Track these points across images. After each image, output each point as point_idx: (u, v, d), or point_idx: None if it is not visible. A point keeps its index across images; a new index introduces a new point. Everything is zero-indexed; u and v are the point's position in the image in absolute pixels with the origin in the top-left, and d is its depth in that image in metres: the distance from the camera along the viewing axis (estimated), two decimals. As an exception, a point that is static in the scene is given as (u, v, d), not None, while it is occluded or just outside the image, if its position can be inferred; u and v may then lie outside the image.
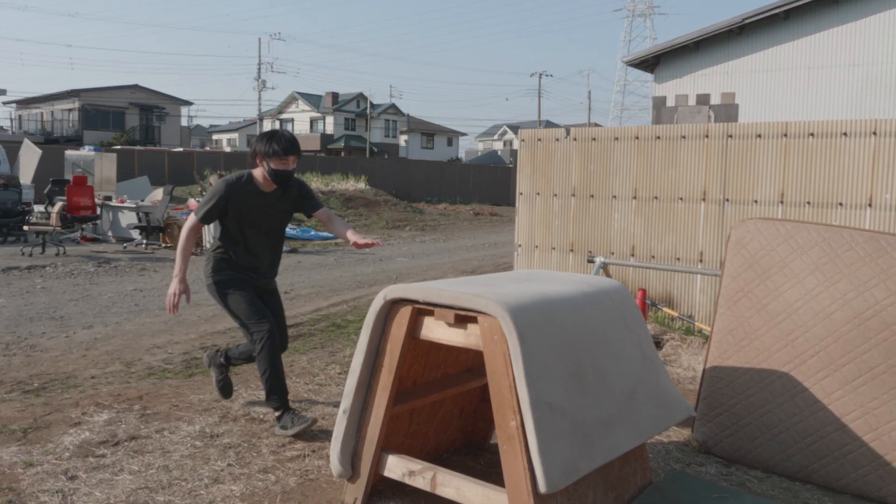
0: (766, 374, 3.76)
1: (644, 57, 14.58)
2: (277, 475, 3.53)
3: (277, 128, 4.21)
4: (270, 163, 3.87)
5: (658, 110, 9.83)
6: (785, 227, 3.88)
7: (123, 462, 3.64)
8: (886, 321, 3.46)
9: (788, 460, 3.65)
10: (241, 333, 6.79)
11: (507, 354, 2.69)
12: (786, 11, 12.88)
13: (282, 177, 3.90)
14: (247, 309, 3.94)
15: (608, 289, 3.34)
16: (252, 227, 4.00)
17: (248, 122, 63.16)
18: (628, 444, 2.97)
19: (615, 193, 7.01)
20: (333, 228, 4.14)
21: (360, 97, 56.27)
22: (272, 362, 3.90)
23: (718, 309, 3.99)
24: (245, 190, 3.94)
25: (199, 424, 4.20)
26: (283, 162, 3.88)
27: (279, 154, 3.85)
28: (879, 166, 5.68)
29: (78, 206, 14.42)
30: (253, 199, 3.96)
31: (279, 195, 4.04)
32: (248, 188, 3.95)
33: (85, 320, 7.30)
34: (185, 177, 25.93)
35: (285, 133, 3.95)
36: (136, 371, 5.42)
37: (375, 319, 3.09)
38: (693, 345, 6.07)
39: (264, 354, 3.89)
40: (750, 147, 6.26)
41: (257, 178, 3.98)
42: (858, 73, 12.47)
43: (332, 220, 4.18)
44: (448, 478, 2.96)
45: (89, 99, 42.07)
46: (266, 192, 4.00)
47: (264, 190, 3.99)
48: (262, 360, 3.90)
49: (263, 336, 3.88)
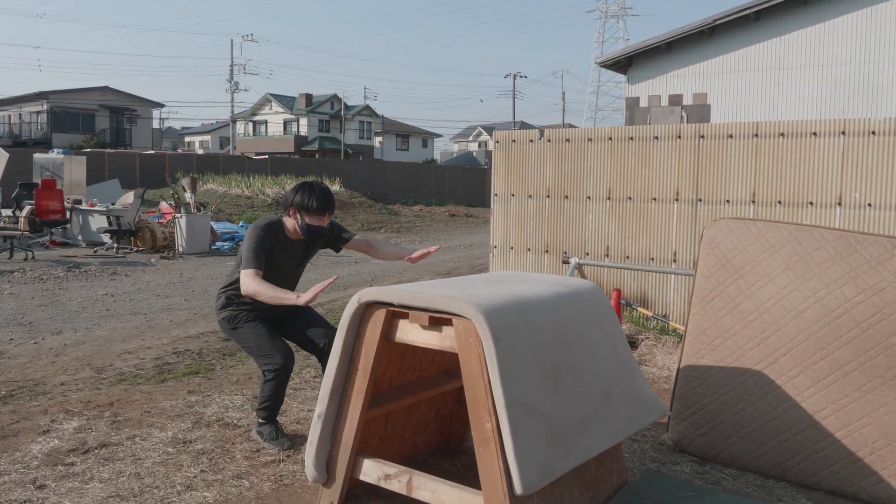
0: (739, 372, 3.79)
1: (617, 58, 14.68)
2: (251, 481, 3.49)
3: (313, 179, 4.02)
4: (305, 217, 3.75)
5: (631, 111, 9.90)
6: (756, 227, 3.92)
7: (94, 470, 3.57)
8: (857, 319, 3.51)
9: (762, 458, 3.68)
10: (213, 339, 6.72)
11: (482, 356, 2.68)
12: (756, 12, 13.05)
13: (315, 233, 3.80)
14: (256, 343, 3.82)
15: (583, 289, 3.34)
16: (275, 269, 3.84)
17: (221, 123, 62.65)
18: (604, 445, 2.97)
19: (589, 194, 7.04)
20: (378, 253, 3.98)
21: (334, 99, 56.05)
22: (276, 392, 3.85)
23: (692, 308, 4.02)
24: (276, 238, 3.80)
25: (171, 430, 4.13)
26: (319, 219, 3.77)
27: (316, 211, 3.74)
28: (848, 165, 5.77)
29: (47, 209, 14.17)
30: (282, 247, 3.83)
31: (308, 242, 3.93)
32: (278, 237, 3.81)
33: (54, 326, 7.18)
34: (156, 179, 25.63)
35: (324, 189, 3.80)
36: (107, 377, 5.33)
37: (350, 323, 3.07)
38: (667, 344, 6.11)
39: (271, 386, 3.81)
40: (722, 147, 6.32)
41: (287, 227, 3.84)
42: (827, 73, 12.66)
43: (373, 246, 4.03)
44: (424, 481, 2.94)
45: (58, 101, 41.41)
46: (294, 241, 3.88)
47: (292, 238, 3.87)
48: (266, 389, 3.83)
49: (272, 370, 3.77)
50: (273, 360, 3.76)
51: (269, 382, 3.80)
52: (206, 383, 5.17)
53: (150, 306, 8.40)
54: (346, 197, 27.19)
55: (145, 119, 46.02)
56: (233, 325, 3.89)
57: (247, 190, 24.25)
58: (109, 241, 13.85)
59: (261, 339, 3.81)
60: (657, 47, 13.97)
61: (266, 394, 3.84)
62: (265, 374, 3.80)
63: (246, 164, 31.97)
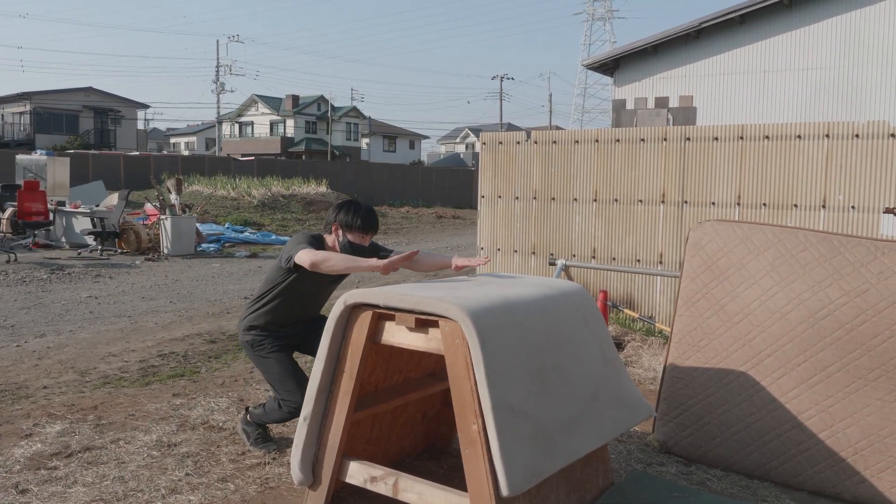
0: (724, 373, 3.81)
1: (604, 60, 14.73)
2: (237, 484, 3.47)
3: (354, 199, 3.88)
4: (348, 235, 3.67)
5: (618, 113, 9.94)
6: (742, 229, 3.94)
7: (77, 474, 3.54)
8: (840, 320, 3.53)
9: (747, 459, 3.70)
10: (198, 341, 6.68)
11: (468, 358, 2.68)
12: (742, 16, 13.13)
13: (356, 251, 3.68)
14: (280, 377, 3.73)
15: (569, 291, 3.35)
16: (309, 285, 3.74)
17: (207, 125, 62.32)
18: (590, 446, 2.98)
19: (576, 196, 7.06)
20: (420, 266, 3.87)
21: (320, 100, 55.90)
22: (280, 420, 3.82)
23: (677, 310, 4.03)
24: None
25: (155, 434, 4.10)
26: (362, 237, 3.70)
27: (360, 229, 3.67)
28: (832, 168, 5.81)
29: (30, 211, 14.05)
30: None
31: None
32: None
33: (37, 329, 7.11)
34: (141, 181, 25.46)
35: (369, 208, 3.74)
36: (91, 380, 5.28)
37: (336, 325, 3.06)
38: (653, 345, 6.13)
39: (280, 415, 3.76)
40: (707, 150, 6.35)
41: (328, 244, 3.74)
42: (811, 76, 12.77)
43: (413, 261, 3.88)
44: (410, 483, 2.93)
45: (41, 102, 41.04)
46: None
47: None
48: (274, 415, 3.78)
49: (290, 408, 3.70)
50: (293, 399, 3.66)
51: (280, 412, 3.74)
52: (191, 386, 5.14)
53: (134, 309, 8.34)
54: (332, 198, 27.10)
55: (130, 120, 45.70)
56: (257, 352, 3.78)
57: (233, 191, 24.13)
58: (93, 243, 13.74)
59: (285, 374, 3.72)
60: (644, 50, 14.03)
61: (271, 417, 3.81)
62: (281, 405, 3.73)
63: (232, 166, 31.84)
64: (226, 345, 6.54)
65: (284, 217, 23.00)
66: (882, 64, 12.16)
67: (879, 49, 12.18)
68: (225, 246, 15.89)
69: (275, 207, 23.77)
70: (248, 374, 5.49)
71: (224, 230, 17.81)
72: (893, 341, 3.40)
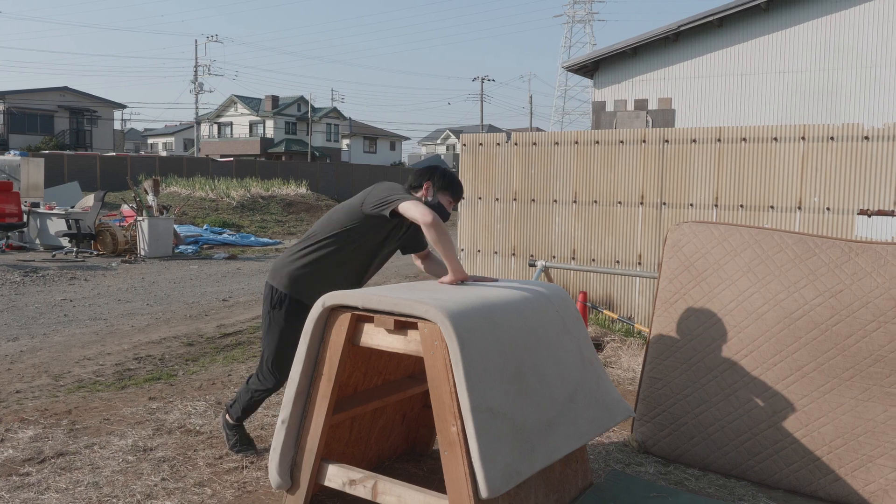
0: (701, 374, 3.83)
1: (584, 62, 14.80)
2: (214, 488, 3.43)
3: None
4: (440, 197, 3.51)
5: (598, 115, 9.99)
6: (719, 230, 3.97)
7: (50, 480, 3.48)
8: (815, 321, 3.57)
9: (724, 458, 3.73)
10: (175, 344, 6.61)
11: (447, 360, 2.67)
12: (720, 19, 13.25)
13: (441, 214, 3.50)
14: (275, 352, 3.59)
15: (549, 293, 3.35)
16: (372, 245, 3.55)
17: (185, 125, 61.83)
18: (569, 447, 2.98)
19: (556, 198, 7.08)
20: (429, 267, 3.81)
21: (300, 101, 55.66)
22: (252, 401, 3.74)
23: (656, 311, 4.05)
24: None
25: (131, 438, 4.05)
26: (452, 204, 3.59)
27: (455, 196, 3.57)
28: (808, 170, 5.88)
29: (3, 213, 13.85)
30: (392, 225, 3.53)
31: (407, 229, 3.67)
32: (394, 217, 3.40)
33: (10, 332, 7.00)
34: (118, 182, 25.21)
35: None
36: (65, 384, 5.21)
37: (314, 327, 3.03)
38: (633, 346, 6.16)
39: (251, 396, 3.70)
40: (686, 152, 6.40)
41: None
42: (788, 79, 12.91)
43: (429, 258, 3.85)
44: (389, 486, 2.92)
45: (15, 101, 40.48)
46: (403, 224, 3.58)
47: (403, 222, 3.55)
48: (246, 394, 3.72)
49: (263, 389, 3.66)
50: (268, 381, 3.63)
51: (253, 393, 3.70)
52: (167, 389, 5.08)
53: (110, 311, 8.24)
54: (312, 200, 27.01)
55: (106, 120, 45.21)
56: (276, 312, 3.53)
57: (211, 192, 23.94)
58: (68, 245, 13.56)
59: (282, 353, 3.58)
60: (623, 52, 14.11)
61: (246, 398, 3.74)
62: (253, 382, 3.68)
63: (210, 167, 31.62)
64: (203, 347, 6.48)
65: (264, 218, 22.87)
66: (857, 67, 12.32)
67: (855, 53, 12.34)
68: (203, 248, 15.76)
69: (254, 209, 23.63)
70: (226, 377, 5.45)
71: (202, 232, 17.66)
72: (867, 341, 3.44)
